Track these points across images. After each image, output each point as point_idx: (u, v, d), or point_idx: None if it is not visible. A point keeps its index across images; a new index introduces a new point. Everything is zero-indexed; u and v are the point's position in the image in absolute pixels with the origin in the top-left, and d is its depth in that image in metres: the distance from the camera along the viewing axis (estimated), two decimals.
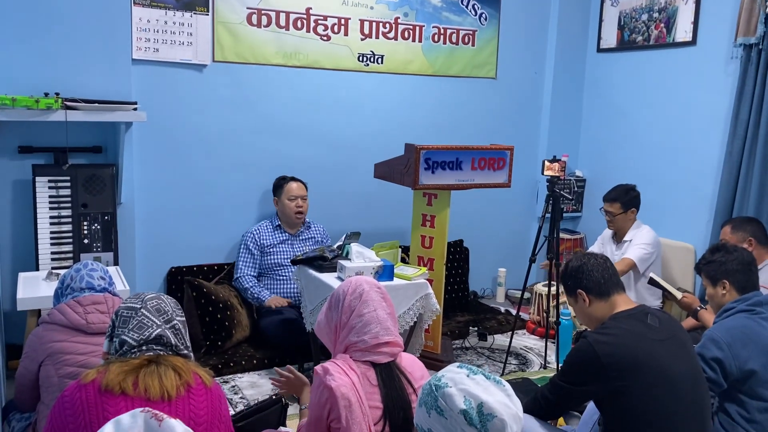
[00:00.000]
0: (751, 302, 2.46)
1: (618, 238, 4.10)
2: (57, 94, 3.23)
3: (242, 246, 3.92)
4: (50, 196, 3.36)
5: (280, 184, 3.97)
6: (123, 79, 3.54)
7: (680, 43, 4.34)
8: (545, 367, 3.78)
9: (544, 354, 3.84)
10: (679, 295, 3.35)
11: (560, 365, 3.49)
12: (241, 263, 3.89)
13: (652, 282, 3.52)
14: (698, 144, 4.26)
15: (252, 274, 3.88)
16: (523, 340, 4.25)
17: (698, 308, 3.19)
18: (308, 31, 4.08)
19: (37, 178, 3.35)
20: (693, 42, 4.26)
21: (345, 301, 1.96)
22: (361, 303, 1.94)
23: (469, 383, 1.35)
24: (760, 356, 2.32)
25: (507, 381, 1.43)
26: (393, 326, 1.95)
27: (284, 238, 3.96)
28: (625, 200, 4.00)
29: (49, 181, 3.37)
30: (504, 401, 1.34)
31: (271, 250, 3.91)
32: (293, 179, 3.97)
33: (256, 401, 2.70)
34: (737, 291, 2.55)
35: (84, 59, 3.43)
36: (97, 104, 3.30)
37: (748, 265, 2.56)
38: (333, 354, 2.01)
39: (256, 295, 3.78)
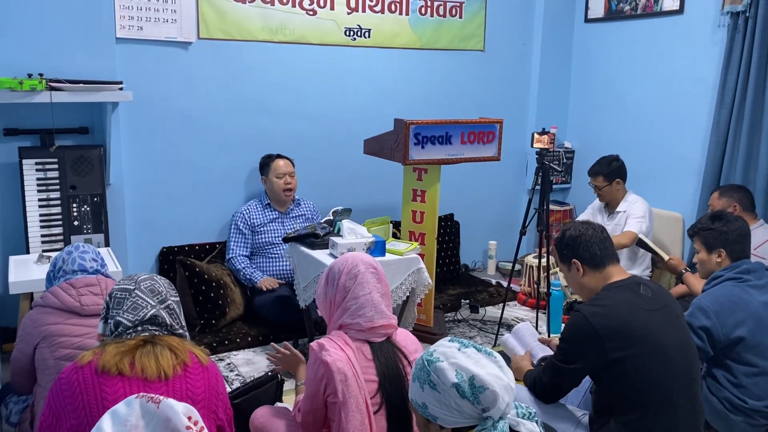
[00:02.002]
0: (739, 270, 2.50)
1: (610, 208, 4.13)
2: (41, 75, 3.19)
3: (233, 226, 3.91)
4: (38, 179, 3.34)
5: (266, 162, 3.95)
6: (107, 58, 3.49)
7: (667, 12, 4.33)
8: None
9: (535, 324, 3.88)
10: (666, 256, 3.42)
11: (553, 335, 3.53)
12: (232, 243, 3.88)
13: (640, 243, 3.58)
14: (686, 113, 4.28)
15: (244, 254, 3.88)
16: (515, 311, 4.30)
17: (683, 270, 3.26)
18: (294, 5, 4.03)
19: (24, 161, 3.32)
20: (680, 11, 4.25)
21: (340, 280, 1.97)
22: (356, 285, 1.94)
23: (461, 357, 1.37)
24: (747, 323, 2.37)
25: (498, 352, 1.45)
26: (387, 308, 1.97)
27: (274, 216, 3.95)
28: (607, 172, 4.02)
29: (37, 163, 3.34)
30: (495, 373, 1.36)
31: (262, 228, 3.90)
32: (279, 156, 3.95)
33: (252, 378, 2.74)
34: (731, 260, 2.57)
35: (67, 39, 3.37)
36: (82, 84, 3.26)
37: (745, 237, 2.59)
38: (328, 327, 2.03)
39: (248, 276, 3.78)
